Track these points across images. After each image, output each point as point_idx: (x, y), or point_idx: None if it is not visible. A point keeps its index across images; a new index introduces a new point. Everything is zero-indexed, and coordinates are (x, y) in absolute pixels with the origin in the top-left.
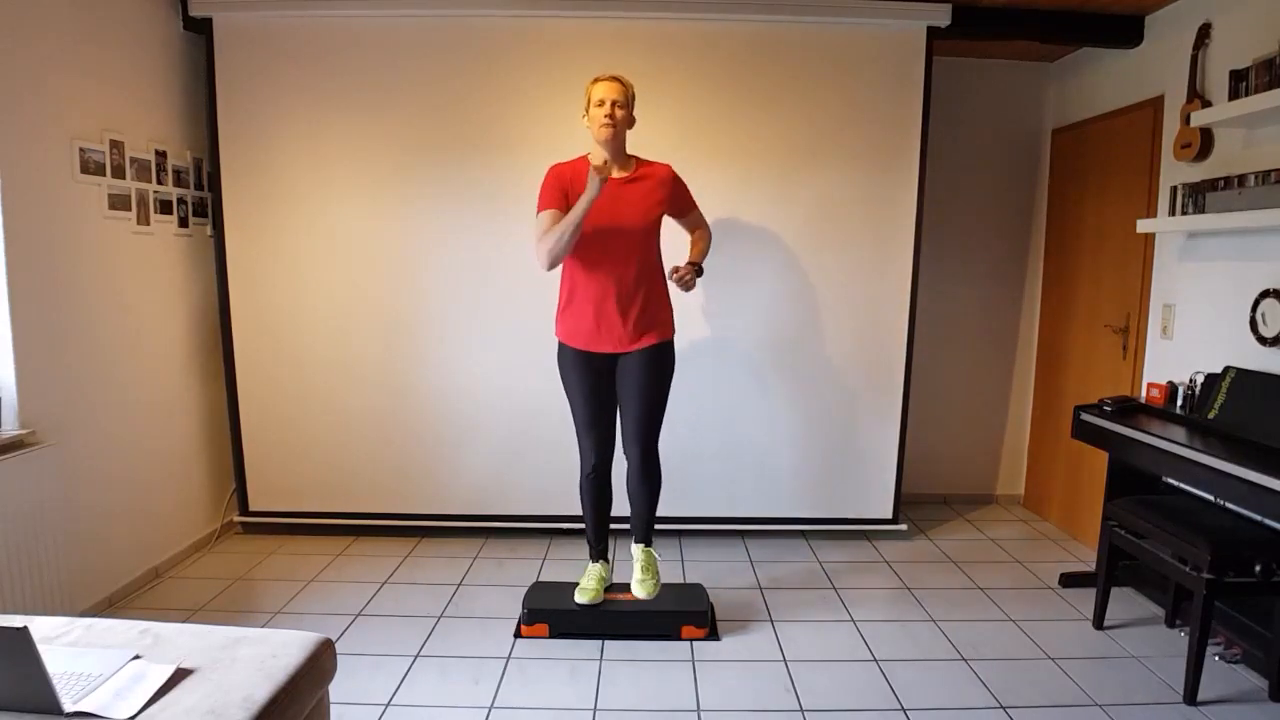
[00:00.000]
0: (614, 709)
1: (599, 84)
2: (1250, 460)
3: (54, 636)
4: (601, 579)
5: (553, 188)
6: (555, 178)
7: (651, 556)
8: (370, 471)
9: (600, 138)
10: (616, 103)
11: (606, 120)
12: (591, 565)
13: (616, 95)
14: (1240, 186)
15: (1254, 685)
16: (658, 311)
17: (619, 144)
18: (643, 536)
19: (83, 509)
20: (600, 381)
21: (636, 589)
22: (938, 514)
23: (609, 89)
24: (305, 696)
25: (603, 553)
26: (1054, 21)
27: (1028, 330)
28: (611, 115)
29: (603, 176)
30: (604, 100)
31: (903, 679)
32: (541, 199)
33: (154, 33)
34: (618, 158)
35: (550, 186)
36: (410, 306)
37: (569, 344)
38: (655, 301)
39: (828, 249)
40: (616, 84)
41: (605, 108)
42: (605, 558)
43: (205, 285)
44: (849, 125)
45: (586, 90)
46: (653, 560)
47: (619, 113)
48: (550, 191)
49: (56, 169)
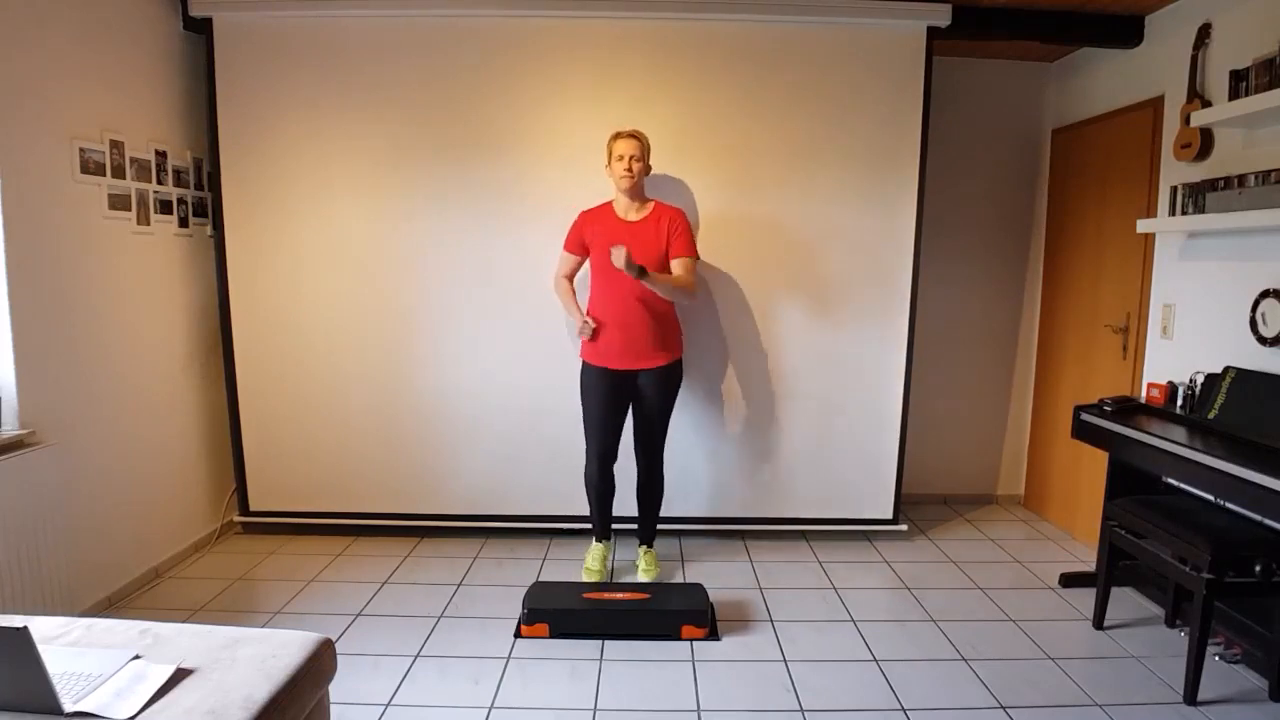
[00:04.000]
0: (614, 709)
1: (619, 140)
2: (1250, 460)
3: (54, 636)
4: (604, 557)
5: (572, 234)
6: (577, 225)
7: (653, 556)
8: (370, 471)
9: (621, 187)
10: (634, 157)
11: (626, 173)
12: (595, 545)
13: (634, 151)
14: (1240, 186)
15: (1254, 685)
16: (668, 334)
17: (638, 189)
18: (647, 539)
19: (83, 509)
20: (615, 394)
21: (641, 576)
22: (938, 514)
23: (628, 146)
24: (305, 696)
25: (606, 533)
26: (1054, 21)
27: (1028, 330)
28: (630, 169)
29: (621, 265)
30: (624, 155)
31: (903, 679)
32: (566, 239)
33: (154, 33)
34: (635, 199)
35: (571, 232)
36: (410, 306)
37: (590, 361)
38: (667, 325)
39: (827, 249)
40: (634, 141)
41: (625, 162)
42: (608, 538)
43: (205, 285)
44: (849, 125)
45: (608, 145)
46: (654, 558)
47: (636, 165)
48: (570, 237)
49: (56, 169)
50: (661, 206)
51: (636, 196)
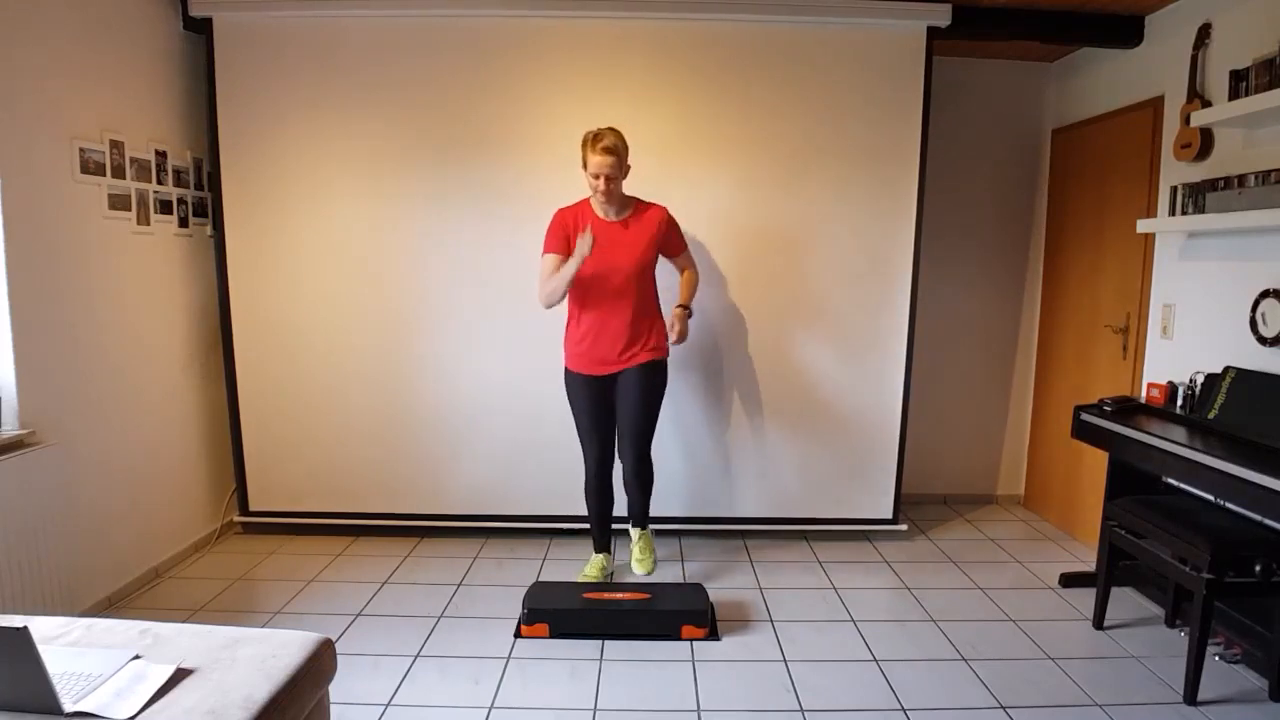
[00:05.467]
0: (614, 709)
1: (594, 156)
2: (1250, 460)
3: (54, 636)
4: (603, 569)
5: (555, 234)
6: (558, 224)
7: (648, 538)
8: (370, 471)
9: (596, 204)
10: (609, 176)
11: (602, 194)
12: (595, 556)
13: (609, 169)
14: (1240, 186)
15: (1254, 685)
16: (651, 334)
17: (616, 196)
18: (639, 521)
19: (83, 509)
20: (601, 397)
21: (635, 567)
22: (938, 514)
23: (602, 164)
24: (305, 696)
25: (606, 545)
26: (1054, 21)
27: (1028, 330)
28: (607, 190)
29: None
30: (598, 174)
31: (903, 679)
32: (546, 243)
33: (154, 32)
34: (615, 203)
35: (553, 232)
36: (410, 306)
37: (573, 369)
38: (650, 327)
39: (827, 249)
40: (609, 156)
41: (599, 182)
42: (608, 550)
43: (205, 285)
44: (849, 125)
45: (582, 147)
46: (649, 541)
47: (610, 185)
48: (553, 237)
49: (56, 169)
50: (643, 206)
51: (616, 200)
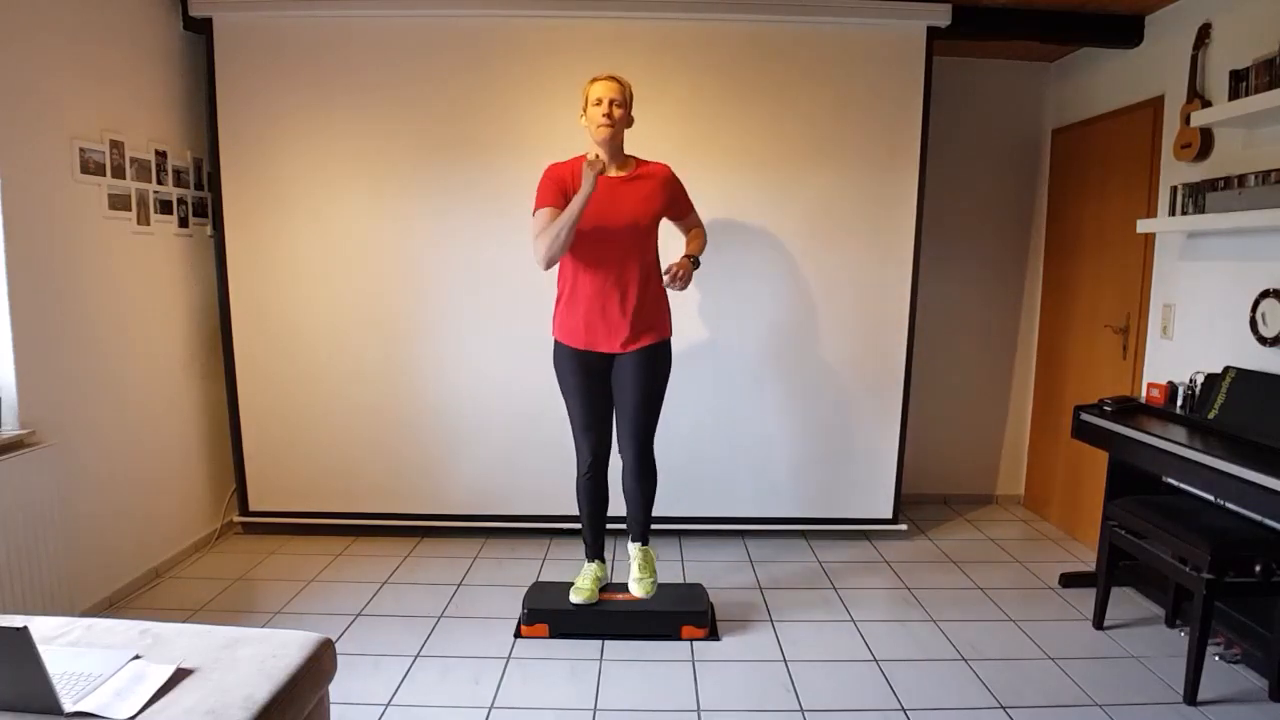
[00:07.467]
0: (614, 709)
1: (596, 83)
2: (1250, 460)
3: (54, 636)
4: (597, 579)
5: (550, 186)
6: (553, 177)
7: (649, 555)
8: (370, 471)
9: (598, 137)
10: (615, 101)
11: (604, 120)
12: (587, 565)
13: (614, 94)
14: (1240, 186)
15: (1254, 685)
16: (655, 312)
17: (617, 143)
18: (640, 535)
19: (83, 509)
20: (596, 381)
21: (634, 588)
22: (938, 514)
23: (606, 88)
24: (305, 696)
25: (599, 552)
26: (1054, 21)
27: (1028, 330)
28: (609, 114)
29: (596, 171)
30: (601, 99)
31: (903, 679)
32: (539, 197)
33: (154, 33)
34: (615, 157)
35: (547, 185)
36: (410, 306)
37: (565, 342)
38: (652, 302)
39: (828, 249)
40: (614, 83)
41: (603, 106)
42: (601, 557)
43: (205, 285)
44: (849, 125)
45: (584, 90)
46: (650, 559)
47: (617, 111)
48: (548, 190)
49: (56, 169)
50: (645, 165)
51: (616, 153)
